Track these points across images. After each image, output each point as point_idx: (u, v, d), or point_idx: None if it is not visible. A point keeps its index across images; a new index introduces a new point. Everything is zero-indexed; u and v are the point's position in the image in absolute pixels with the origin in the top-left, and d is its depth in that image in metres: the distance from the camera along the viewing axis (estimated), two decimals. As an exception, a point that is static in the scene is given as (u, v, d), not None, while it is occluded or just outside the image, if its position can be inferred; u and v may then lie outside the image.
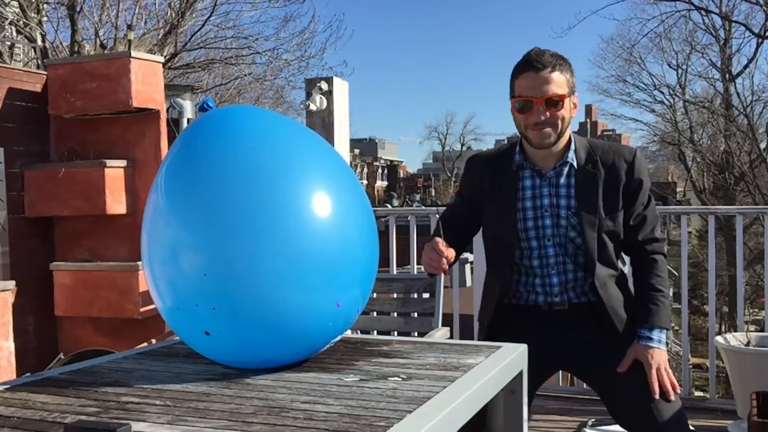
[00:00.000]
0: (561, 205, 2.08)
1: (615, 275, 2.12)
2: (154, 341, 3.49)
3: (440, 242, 1.96)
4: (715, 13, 19.61)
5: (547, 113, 2.00)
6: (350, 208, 1.57)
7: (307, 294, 1.47)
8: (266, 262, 1.43)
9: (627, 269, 2.27)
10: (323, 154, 1.63)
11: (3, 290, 3.52)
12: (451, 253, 1.97)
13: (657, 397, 1.96)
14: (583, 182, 2.08)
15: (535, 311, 2.14)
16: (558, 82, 2.00)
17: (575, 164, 2.09)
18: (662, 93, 22.52)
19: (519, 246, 2.12)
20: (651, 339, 2.03)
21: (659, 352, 2.02)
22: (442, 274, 2.18)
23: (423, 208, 7.28)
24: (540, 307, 2.13)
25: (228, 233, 1.44)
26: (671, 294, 2.16)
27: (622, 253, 2.19)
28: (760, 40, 19.19)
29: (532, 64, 2.00)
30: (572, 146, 2.10)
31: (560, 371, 3.07)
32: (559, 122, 2.02)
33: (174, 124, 4.26)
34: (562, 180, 2.09)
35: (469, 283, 9.11)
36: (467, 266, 9.45)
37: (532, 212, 2.10)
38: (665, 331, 2.06)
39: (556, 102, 2.00)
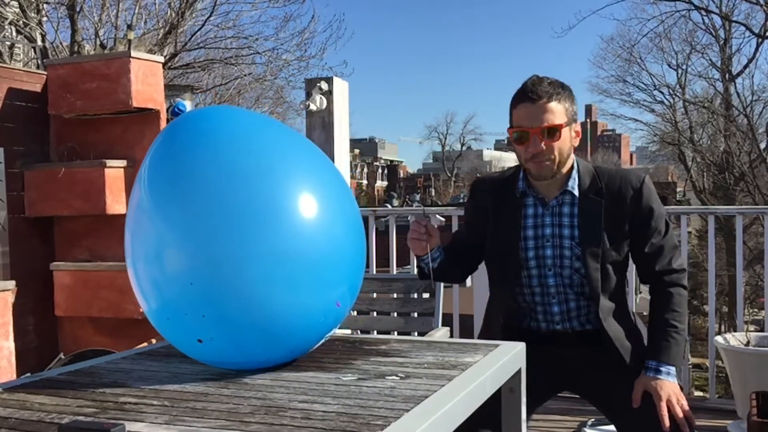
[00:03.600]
0: (564, 235, 2.03)
1: (619, 308, 2.06)
2: (154, 341, 3.49)
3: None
4: (715, 13, 19.61)
5: (544, 144, 1.94)
6: (335, 205, 1.57)
7: (295, 294, 1.47)
8: (253, 264, 1.43)
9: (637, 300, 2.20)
10: (305, 152, 1.62)
11: (3, 290, 3.51)
12: (434, 231, 2.00)
13: (667, 430, 1.86)
14: (586, 211, 2.02)
15: (537, 334, 2.09)
16: (555, 111, 1.94)
17: (577, 192, 2.03)
18: (662, 93, 22.55)
19: (520, 274, 2.07)
20: (659, 371, 1.95)
21: (669, 383, 1.93)
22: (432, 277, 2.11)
23: (423, 208, 7.28)
24: (542, 332, 2.09)
25: (212, 237, 1.43)
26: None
27: (641, 284, 2.13)
28: (760, 40, 19.21)
29: (527, 95, 1.95)
30: (574, 174, 2.04)
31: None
32: (556, 153, 1.96)
33: (174, 124, 4.26)
34: (566, 209, 2.04)
35: (468, 283, 9.08)
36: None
37: (533, 242, 2.05)
38: (675, 367, 1.97)
39: (553, 132, 1.94)
